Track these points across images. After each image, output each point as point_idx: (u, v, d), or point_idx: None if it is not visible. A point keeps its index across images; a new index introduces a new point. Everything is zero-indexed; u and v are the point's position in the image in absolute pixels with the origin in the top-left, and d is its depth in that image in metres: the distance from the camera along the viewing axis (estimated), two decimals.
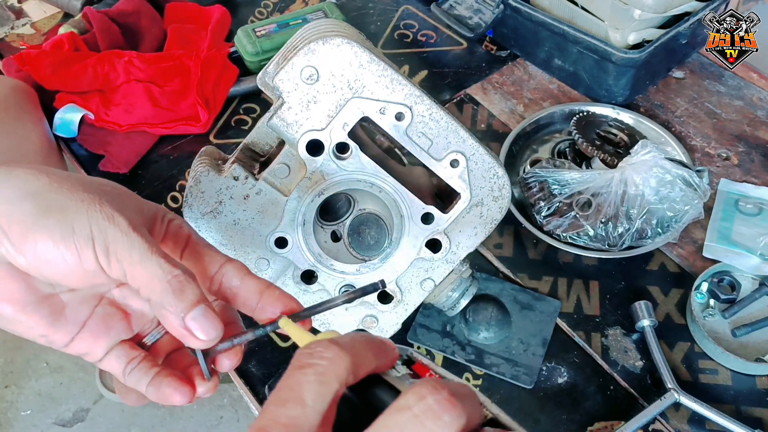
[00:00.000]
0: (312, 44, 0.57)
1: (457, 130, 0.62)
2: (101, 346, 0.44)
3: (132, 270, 0.39)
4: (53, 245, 0.38)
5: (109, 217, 0.39)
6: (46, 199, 0.39)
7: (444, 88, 1.05)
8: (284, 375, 0.34)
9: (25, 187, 0.39)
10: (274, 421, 0.32)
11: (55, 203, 0.39)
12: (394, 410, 0.31)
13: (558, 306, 0.80)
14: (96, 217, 0.39)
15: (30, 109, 0.96)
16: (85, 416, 1.65)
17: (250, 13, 1.19)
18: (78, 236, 0.38)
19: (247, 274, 0.44)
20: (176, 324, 0.40)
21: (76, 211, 0.39)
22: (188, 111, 0.99)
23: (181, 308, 0.40)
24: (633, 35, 0.96)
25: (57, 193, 0.39)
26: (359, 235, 0.67)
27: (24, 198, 0.39)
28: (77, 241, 0.38)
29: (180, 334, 0.41)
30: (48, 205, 0.39)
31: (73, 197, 0.39)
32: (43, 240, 0.38)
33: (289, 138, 0.61)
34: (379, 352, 0.36)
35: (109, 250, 0.39)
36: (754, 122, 0.99)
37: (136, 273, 0.40)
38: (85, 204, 0.39)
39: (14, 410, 1.66)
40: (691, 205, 0.81)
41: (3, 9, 1.20)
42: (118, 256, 0.39)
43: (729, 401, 0.73)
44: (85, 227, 0.39)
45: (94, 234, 0.39)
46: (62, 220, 0.38)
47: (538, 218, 0.84)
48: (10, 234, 0.38)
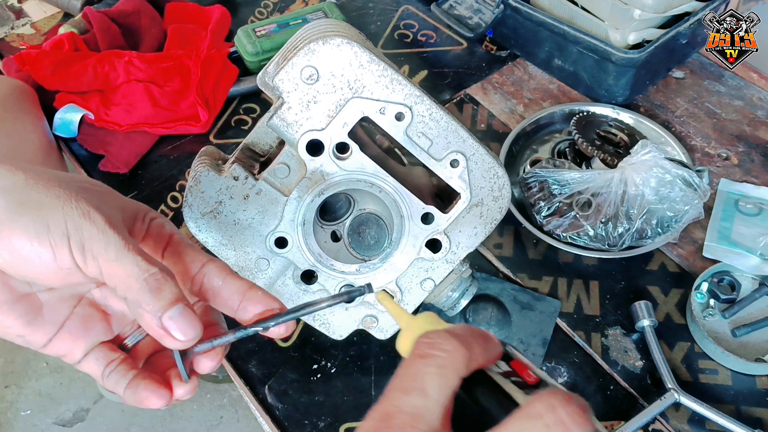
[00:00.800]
0: (312, 44, 0.57)
1: (457, 130, 0.62)
2: (80, 348, 0.43)
3: (108, 267, 0.39)
4: (28, 242, 0.37)
5: (84, 213, 0.38)
6: (20, 195, 0.38)
7: (444, 88, 1.05)
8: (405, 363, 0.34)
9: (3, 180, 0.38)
10: (399, 409, 0.32)
11: (30, 199, 0.38)
12: (525, 417, 0.31)
13: (558, 306, 0.80)
14: (72, 214, 0.38)
15: (30, 109, 0.96)
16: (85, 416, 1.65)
17: (250, 13, 1.19)
18: (53, 233, 0.38)
19: (229, 274, 0.44)
20: (153, 323, 0.39)
21: (51, 207, 0.38)
22: (188, 111, 0.99)
23: (158, 307, 0.39)
24: (633, 35, 0.96)
25: (32, 189, 0.38)
26: (359, 235, 0.67)
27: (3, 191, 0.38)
28: (52, 238, 0.38)
29: (157, 334, 0.40)
30: (22, 200, 0.38)
31: (48, 193, 0.38)
32: (18, 236, 0.37)
33: (289, 138, 0.61)
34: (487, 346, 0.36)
35: (84, 248, 0.38)
36: (754, 122, 0.99)
37: (112, 270, 0.39)
38: (60, 200, 0.38)
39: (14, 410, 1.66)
40: (691, 205, 0.81)
41: (3, 9, 1.20)
42: (94, 253, 0.38)
43: (729, 401, 0.73)
44: (60, 224, 0.38)
45: (69, 231, 0.38)
46: (37, 217, 0.37)
47: (538, 218, 0.84)
48: None
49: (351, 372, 0.76)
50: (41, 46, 1.03)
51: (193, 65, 0.99)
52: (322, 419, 0.72)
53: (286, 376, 0.76)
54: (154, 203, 0.92)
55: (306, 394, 0.74)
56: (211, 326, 0.45)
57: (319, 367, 0.76)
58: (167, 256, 0.45)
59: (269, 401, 0.74)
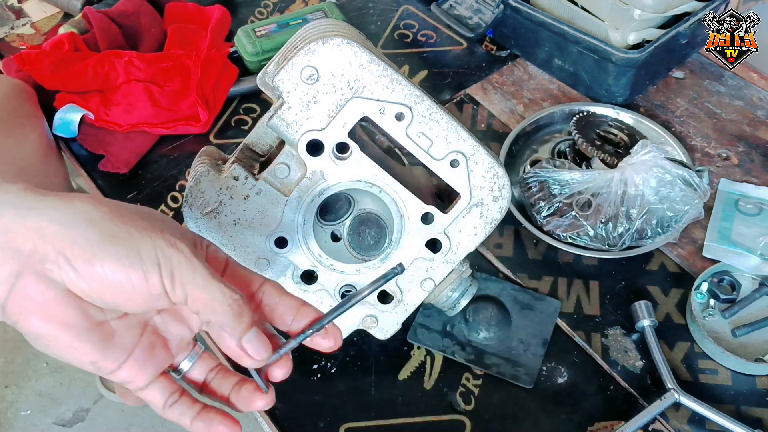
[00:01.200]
0: (312, 44, 0.57)
1: (457, 130, 0.62)
2: (146, 374, 0.45)
3: (195, 293, 0.42)
4: (121, 270, 0.40)
5: (172, 243, 0.41)
6: (109, 227, 0.40)
7: (444, 88, 1.05)
8: None
9: (86, 216, 0.40)
10: None
11: (120, 231, 0.40)
12: None
13: (558, 306, 0.80)
14: (160, 244, 0.41)
15: (29, 109, 0.96)
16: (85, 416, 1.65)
17: (250, 13, 1.19)
18: (145, 262, 0.40)
19: (283, 293, 0.48)
20: (233, 345, 0.44)
21: (141, 237, 0.41)
22: (188, 111, 0.99)
23: (238, 330, 0.43)
24: (633, 35, 0.96)
25: (118, 222, 0.41)
26: (359, 235, 0.67)
27: (87, 225, 0.40)
28: (145, 266, 0.40)
29: (235, 354, 0.44)
30: (113, 232, 0.40)
31: (136, 225, 0.41)
32: (111, 265, 0.40)
33: (289, 138, 0.61)
34: None
35: (174, 275, 0.41)
36: (754, 122, 0.99)
37: (198, 296, 0.42)
38: (148, 232, 0.41)
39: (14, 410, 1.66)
40: (691, 205, 0.81)
41: (3, 9, 1.20)
42: (183, 280, 0.41)
43: (729, 401, 0.73)
44: (152, 253, 0.41)
45: (160, 260, 0.41)
46: (129, 247, 0.40)
47: (538, 218, 0.84)
48: (73, 260, 0.39)
49: (351, 372, 0.76)
50: (41, 46, 1.03)
51: (193, 65, 0.99)
52: (322, 419, 0.72)
53: None
54: (154, 203, 0.92)
55: (306, 394, 0.74)
56: (271, 338, 0.48)
57: (319, 367, 0.76)
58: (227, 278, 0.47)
59: None
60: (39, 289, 0.40)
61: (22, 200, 0.40)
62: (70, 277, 0.40)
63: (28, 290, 0.40)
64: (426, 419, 0.73)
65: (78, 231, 0.39)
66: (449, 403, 0.74)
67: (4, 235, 0.39)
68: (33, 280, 0.39)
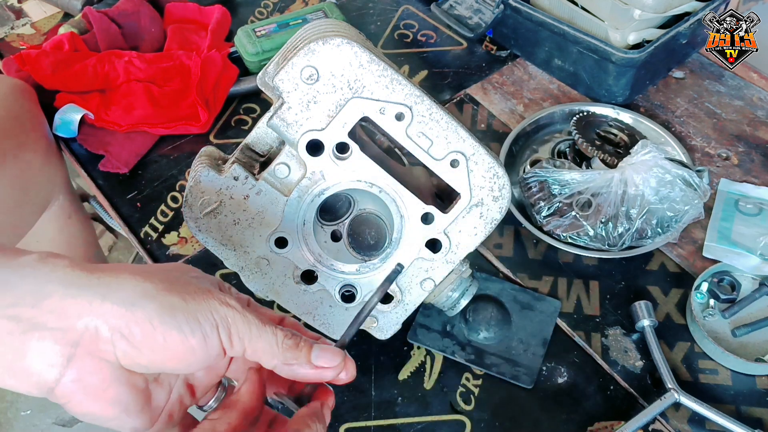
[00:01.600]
0: (312, 44, 0.57)
1: (457, 130, 0.62)
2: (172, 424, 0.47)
3: (252, 344, 0.44)
4: (182, 339, 0.41)
5: (224, 302, 0.43)
6: (165, 299, 0.41)
7: (444, 88, 1.05)
8: None
9: (139, 290, 0.41)
10: None
11: (176, 301, 0.42)
12: None
13: (558, 306, 0.80)
14: (214, 305, 0.43)
15: (29, 109, 0.96)
16: None
17: (250, 13, 1.19)
18: (204, 326, 0.42)
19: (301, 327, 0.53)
20: (308, 371, 0.47)
21: (197, 304, 0.42)
22: (188, 111, 0.99)
23: (304, 358, 0.46)
24: (633, 35, 0.96)
25: (172, 292, 0.42)
26: (359, 235, 0.67)
27: (144, 300, 0.41)
28: (204, 330, 0.42)
29: (315, 375, 0.47)
30: (170, 303, 0.41)
31: (188, 291, 0.42)
32: (173, 335, 0.41)
33: (289, 138, 0.61)
34: None
35: (231, 332, 0.43)
36: (754, 122, 0.99)
37: (256, 346, 0.44)
38: (200, 295, 0.43)
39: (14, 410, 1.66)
40: (691, 205, 0.81)
41: (3, 9, 1.20)
42: (240, 335, 0.44)
43: (729, 401, 0.73)
44: (209, 317, 0.42)
45: (217, 321, 0.43)
46: (188, 315, 0.41)
47: (538, 218, 0.84)
48: (131, 337, 0.40)
49: None
50: (41, 46, 1.03)
51: (193, 65, 0.99)
52: None
53: None
54: (154, 203, 0.92)
55: None
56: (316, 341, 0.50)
57: None
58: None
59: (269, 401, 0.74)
60: (91, 371, 0.40)
61: (71, 278, 0.40)
62: (127, 353, 0.40)
63: (79, 374, 0.40)
64: (426, 419, 0.73)
65: (135, 306, 0.40)
66: (449, 403, 0.74)
67: (55, 315, 0.38)
68: (86, 363, 0.40)
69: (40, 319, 0.38)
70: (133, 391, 0.42)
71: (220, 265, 0.66)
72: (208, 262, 0.84)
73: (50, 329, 0.38)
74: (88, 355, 0.39)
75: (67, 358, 0.39)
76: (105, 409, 0.41)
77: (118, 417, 0.42)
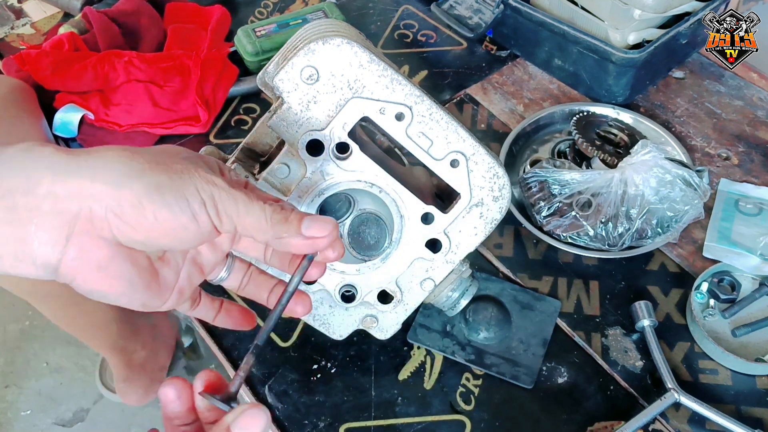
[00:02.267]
0: (312, 44, 0.57)
1: (457, 130, 0.62)
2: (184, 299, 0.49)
3: (241, 221, 0.44)
4: (173, 217, 0.41)
5: (209, 180, 0.43)
6: (151, 178, 0.41)
7: (444, 88, 1.05)
8: None
9: (126, 170, 0.41)
10: None
11: (162, 179, 0.42)
12: None
13: (558, 306, 0.80)
14: (200, 184, 0.43)
15: (29, 109, 0.96)
16: (85, 416, 1.65)
17: (250, 13, 1.19)
18: (192, 203, 0.42)
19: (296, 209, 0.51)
20: (299, 242, 0.46)
21: (182, 182, 0.42)
22: (188, 111, 0.99)
23: (294, 230, 0.45)
24: (633, 35, 0.96)
25: (158, 170, 0.42)
26: (359, 235, 0.67)
27: (130, 179, 0.41)
28: (192, 208, 0.42)
29: (308, 246, 0.46)
30: (156, 182, 0.41)
31: (174, 170, 0.42)
32: (162, 213, 0.41)
33: (289, 138, 0.61)
34: None
35: (218, 210, 0.43)
36: (754, 122, 0.99)
37: (245, 223, 0.44)
38: (186, 174, 0.43)
39: (14, 410, 1.66)
40: (691, 205, 0.81)
41: (3, 9, 1.20)
42: (228, 212, 0.43)
43: (729, 401, 0.73)
44: (196, 195, 0.42)
45: (204, 198, 0.43)
46: (175, 192, 0.42)
47: (538, 218, 0.84)
48: (124, 215, 0.40)
49: (351, 372, 0.76)
50: (41, 46, 1.03)
51: (193, 65, 0.99)
52: (322, 419, 0.72)
53: (286, 376, 0.76)
54: None
55: (306, 394, 0.74)
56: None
57: (319, 367, 0.76)
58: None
59: (269, 401, 0.74)
60: (91, 248, 0.41)
61: (59, 164, 0.40)
62: (122, 231, 0.41)
63: (80, 251, 0.41)
64: (426, 419, 0.73)
65: (123, 186, 0.40)
66: (449, 403, 0.74)
67: (48, 199, 0.39)
68: (84, 240, 0.41)
69: (35, 203, 0.39)
70: (135, 266, 0.43)
71: None
72: None
73: (46, 212, 0.39)
74: (86, 233, 0.40)
75: (66, 238, 0.40)
76: (110, 284, 0.43)
77: (125, 293, 0.43)
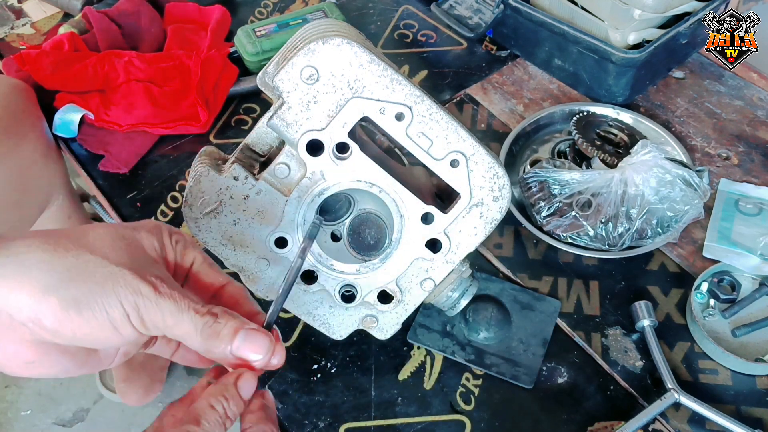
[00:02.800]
0: (312, 44, 0.57)
1: (457, 130, 0.62)
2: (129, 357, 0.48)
3: (169, 331, 0.43)
4: (92, 332, 0.41)
5: (135, 290, 0.41)
6: (67, 291, 0.40)
7: (444, 88, 1.05)
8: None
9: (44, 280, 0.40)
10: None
11: (80, 293, 0.40)
12: None
13: (558, 306, 0.80)
14: (123, 293, 0.41)
15: (29, 109, 0.96)
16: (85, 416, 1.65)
17: (250, 13, 1.19)
18: (113, 318, 0.41)
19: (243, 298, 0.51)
20: (228, 359, 0.44)
21: (103, 294, 0.41)
22: (188, 111, 0.99)
23: (222, 348, 0.44)
24: (633, 35, 0.96)
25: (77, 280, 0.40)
26: (359, 235, 0.67)
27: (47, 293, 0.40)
28: (114, 323, 0.41)
29: (238, 364, 0.45)
30: (73, 296, 0.40)
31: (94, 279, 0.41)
32: (82, 329, 0.41)
33: (289, 138, 0.61)
34: None
35: (143, 320, 0.42)
36: (754, 122, 0.99)
37: (174, 332, 0.43)
38: (109, 284, 0.41)
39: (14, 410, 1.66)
40: (691, 205, 0.81)
41: (3, 9, 1.20)
42: (154, 322, 0.42)
43: (729, 401, 0.73)
44: (117, 307, 0.41)
45: (127, 311, 0.41)
46: (95, 309, 0.40)
47: (538, 218, 0.84)
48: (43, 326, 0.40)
49: (351, 372, 0.76)
50: (41, 46, 1.03)
51: (193, 65, 0.99)
52: (322, 419, 0.72)
53: (286, 376, 0.76)
54: (154, 203, 0.92)
55: (306, 394, 0.74)
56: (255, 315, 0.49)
57: (319, 367, 0.76)
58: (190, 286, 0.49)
59: None
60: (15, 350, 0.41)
61: None
62: (44, 337, 0.41)
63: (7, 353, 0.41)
64: (426, 419, 0.73)
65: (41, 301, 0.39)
66: (449, 403, 0.74)
67: None
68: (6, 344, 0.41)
69: None
70: (67, 356, 0.43)
71: (220, 265, 0.66)
72: None
73: None
74: (6, 338, 0.40)
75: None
76: (45, 372, 0.43)
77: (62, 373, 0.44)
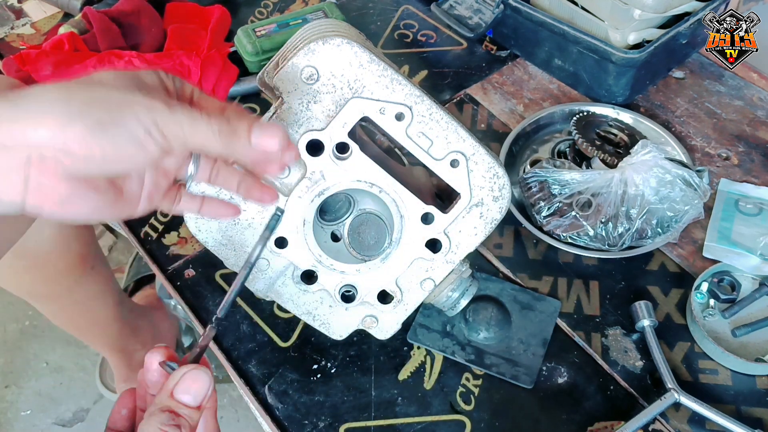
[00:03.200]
0: (312, 44, 0.57)
1: (457, 130, 0.62)
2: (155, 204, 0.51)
3: (188, 139, 0.45)
4: (120, 150, 0.43)
5: (149, 107, 0.43)
6: (91, 117, 0.42)
7: (444, 88, 1.05)
8: None
9: (66, 111, 0.42)
10: None
11: (102, 116, 0.42)
12: None
13: (558, 306, 0.80)
14: (139, 112, 0.43)
15: None
16: (85, 416, 1.65)
17: (250, 13, 1.19)
18: (136, 134, 0.43)
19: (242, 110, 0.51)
20: (250, 153, 0.47)
21: (122, 114, 0.43)
22: None
23: (243, 142, 0.46)
24: (633, 35, 0.96)
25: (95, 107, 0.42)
26: (359, 235, 0.67)
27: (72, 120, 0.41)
28: (138, 138, 0.43)
29: (261, 156, 0.47)
30: (97, 119, 0.42)
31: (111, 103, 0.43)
32: (110, 149, 0.42)
33: None
34: None
35: (164, 134, 0.44)
36: (754, 122, 0.99)
37: (193, 140, 0.45)
38: (125, 105, 0.43)
39: (14, 410, 1.66)
40: (691, 205, 0.81)
41: (3, 9, 1.20)
42: (174, 133, 0.44)
43: (729, 401, 0.73)
44: (137, 125, 0.43)
45: (147, 127, 0.43)
46: (119, 128, 0.42)
47: (538, 218, 0.84)
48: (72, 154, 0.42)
49: (351, 372, 0.76)
50: (41, 46, 1.03)
51: (193, 65, 0.99)
52: (322, 419, 0.72)
53: (286, 376, 0.76)
54: None
55: (306, 394, 0.74)
56: None
57: (319, 367, 0.76)
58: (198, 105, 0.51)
59: (269, 401, 0.74)
60: (49, 187, 0.43)
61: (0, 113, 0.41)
62: (75, 166, 0.42)
63: (39, 191, 0.42)
64: (426, 419, 0.73)
65: (66, 128, 0.41)
66: (449, 403, 0.74)
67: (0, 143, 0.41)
68: (42, 181, 0.42)
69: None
70: (96, 191, 0.45)
71: (219, 265, 0.66)
72: (208, 262, 0.84)
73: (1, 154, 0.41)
74: (42, 174, 0.42)
75: (24, 181, 0.42)
76: (76, 212, 0.45)
77: (93, 214, 0.46)
